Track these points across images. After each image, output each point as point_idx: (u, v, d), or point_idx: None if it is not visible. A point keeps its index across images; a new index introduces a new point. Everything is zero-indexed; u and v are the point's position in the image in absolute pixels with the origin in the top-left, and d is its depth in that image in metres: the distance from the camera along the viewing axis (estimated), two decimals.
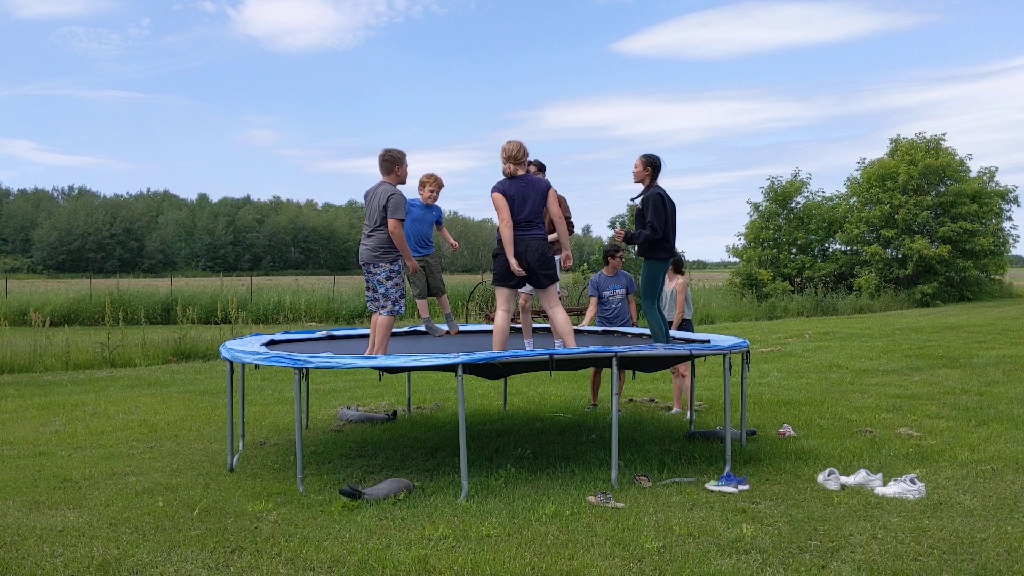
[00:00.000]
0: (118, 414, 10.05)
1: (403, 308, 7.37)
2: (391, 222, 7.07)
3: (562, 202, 8.34)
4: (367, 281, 7.38)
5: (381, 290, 7.24)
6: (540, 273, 7.09)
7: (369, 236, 7.24)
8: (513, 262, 6.95)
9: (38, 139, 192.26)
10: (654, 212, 7.36)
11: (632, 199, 7.54)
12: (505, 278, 7.12)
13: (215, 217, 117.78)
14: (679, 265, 9.84)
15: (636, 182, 7.60)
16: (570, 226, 8.39)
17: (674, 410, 9.82)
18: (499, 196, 7.02)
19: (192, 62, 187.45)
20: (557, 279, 7.38)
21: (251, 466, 7.33)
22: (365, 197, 7.41)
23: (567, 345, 7.21)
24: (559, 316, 7.26)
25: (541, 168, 8.40)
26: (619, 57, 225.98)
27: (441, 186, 8.23)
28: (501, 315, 7.20)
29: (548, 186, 7.17)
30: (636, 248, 7.45)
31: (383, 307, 7.26)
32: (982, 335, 18.51)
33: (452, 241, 8.57)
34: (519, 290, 7.52)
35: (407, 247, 7.27)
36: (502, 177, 7.14)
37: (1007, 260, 39.91)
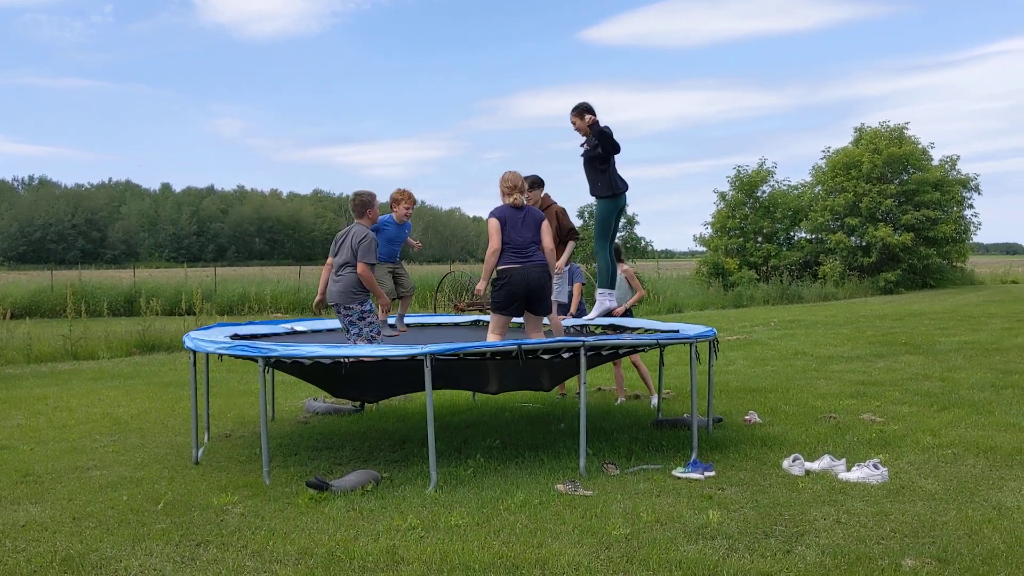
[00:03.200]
0: (81, 407, 9.92)
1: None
2: (360, 265, 7.16)
3: (562, 214, 8.47)
4: (341, 321, 7.43)
5: (354, 330, 7.28)
6: (541, 302, 7.23)
7: (339, 276, 7.29)
8: (481, 285, 7.24)
9: None
10: (606, 140, 7.55)
11: (582, 144, 7.71)
12: (504, 305, 7.16)
13: (179, 207, 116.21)
14: (618, 253, 9.83)
15: (583, 135, 7.74)
16: (574, 235, 8.50)
17: (619, 400, 9.86)
18: (494, 221, 7.13)
19: (156, 50, 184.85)
20: (551, 310, 7.55)
21: (216, 459, 7.26)
22: (337, 239, 7.48)
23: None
24: None
25: (537, 184, 8.47)
26: (589, 45, 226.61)
27: (414, 203, 8.37)
28: (494, 339, 7.21)
29: (543, 217, 7.33)
30: (595, 189, 7.79)
31: (370, 337, 7.29)
32: (944, 322, 18.79)
33: (415, 242, 8.81)
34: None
35: (378, 287, 7.39)
36: (501, 203, 7.28)
37: (968, 247, 40.49)
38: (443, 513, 5.51)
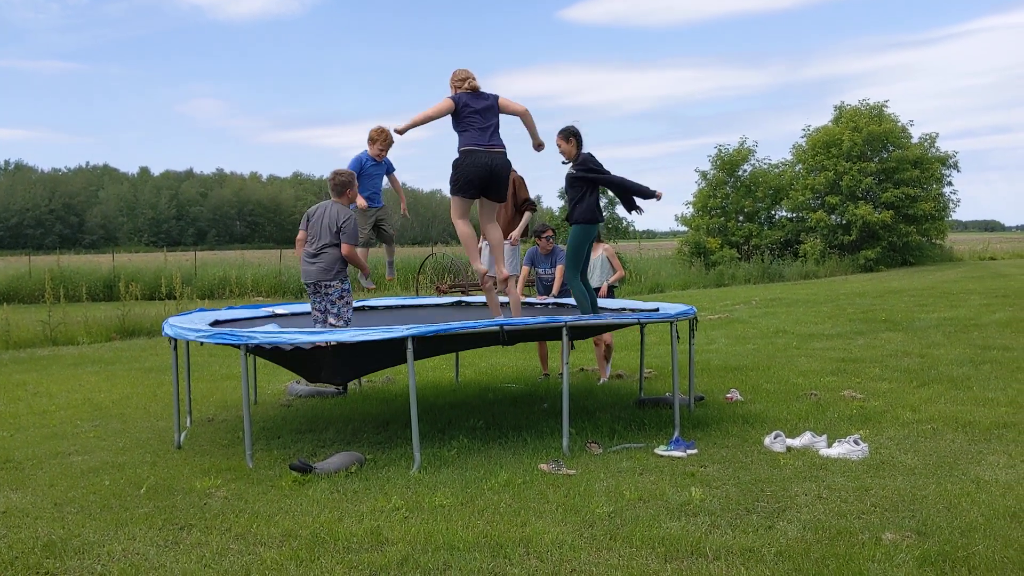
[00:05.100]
0: (61, 393, 9.85)
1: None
2: (346, 247, 7.15)
3: (519, 183, 8.40)
4: (314, 301, 7.37)
5: (334, 310, 7.26)
6: (499, 189, 7.25)
7: (318, 255, 7.25)
8: (403, 125, 6.95)
9: None
10: (598, 167, 7.52)
11: (569, 169, 7.67)
12: (464, 187, 7.16)
13: (157, 191, 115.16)
14: (598, 235, 9.84)
15: (568, 159, 7.67)
16: (530, 205, 8.44)
17: (602, 380, 9.89)
18: (448, 100, 7.08)
19: (133, 31, 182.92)
20: (505, 199, 7.60)
21: (199, 443, 7.24)
22: (310, 216, 7.41)
23: (496, 261, 7.54)
24: (495, 234, 7.52)
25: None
26: (568, 24, 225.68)
27: (390, 143, 8.43)
28: (462, 225, 7.34)
29: (497, 97, 7.27)
30: (571, 215, 7.68)
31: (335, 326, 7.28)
32: (923, 299, 18.93)
33: (403, 206, 9.03)
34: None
35: (364, 263, 7.55)
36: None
37: (947, 225, 40.70)
38: (427, 494, 5.52)
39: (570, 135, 7.61)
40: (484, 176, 7.11)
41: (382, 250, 9.38)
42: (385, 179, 8.69)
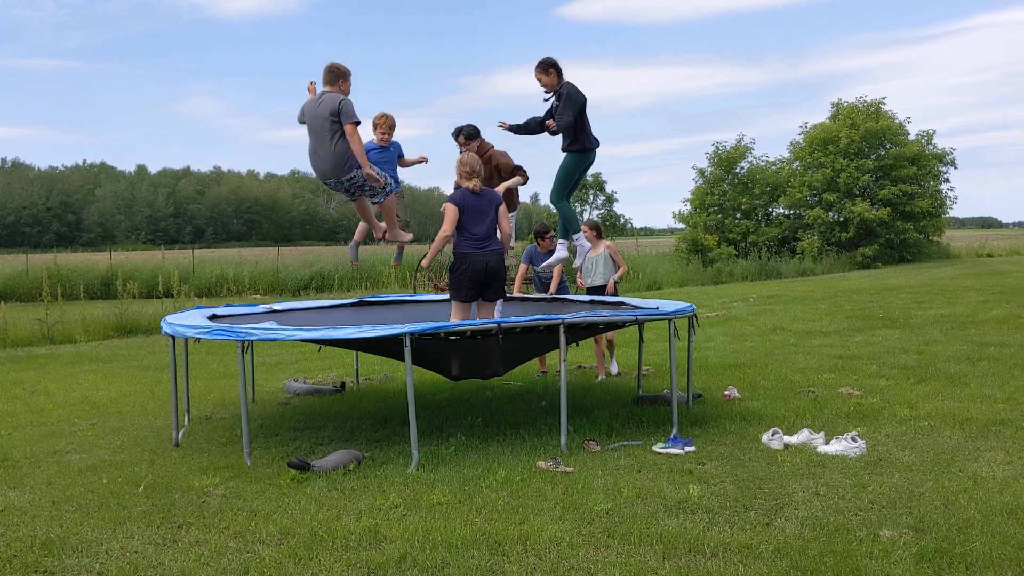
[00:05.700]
0: (59, 391, 9.84)
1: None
2: (348, 127, 6.92)
3: (501, 155, 8.38)
4: (337, 190, 7.33)
5: (373, 172, 7.18)
6: (495, 289, 7.29)
7: (325, 152, 7.03)
8: (426, 261, 7.33)
9: None
10: (568, 100, 7.56)
11: (545, 98, 7.74)
12: (463, 293, 7.20)
13: (155, 189, 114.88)
14: (599, 229, 9.90)
15: (550, 90, 7.76)
16: (520, 170, 8.41)
17: (600, 377, 9.89)
18: (451, 207, 7.11)
19: (130, 29, 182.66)
20: (505, 295, 7.59)
21: (197, 441, 7.24)
22: (303, 112, 7.18)
23: None
24: None
25: (473, 136, 8.37)
26: (566, 21, 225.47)
27: (393, 126, 8.27)
28: None
29: (500, 201, 7.34)
30: (565, 143, 7.83)
31: (382, 190, 7.23)
32: (920, 296, 18.95)
33: (417, 159, 8.63)
34: None
35: (364, 155, 7.12)
36: (456, 188, 7.33)
37: (945, 222, 40.79)
38: (425, 491, 5.52)
39: (549, 67, 7.67)
40: (481, 279, 7.16)
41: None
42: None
